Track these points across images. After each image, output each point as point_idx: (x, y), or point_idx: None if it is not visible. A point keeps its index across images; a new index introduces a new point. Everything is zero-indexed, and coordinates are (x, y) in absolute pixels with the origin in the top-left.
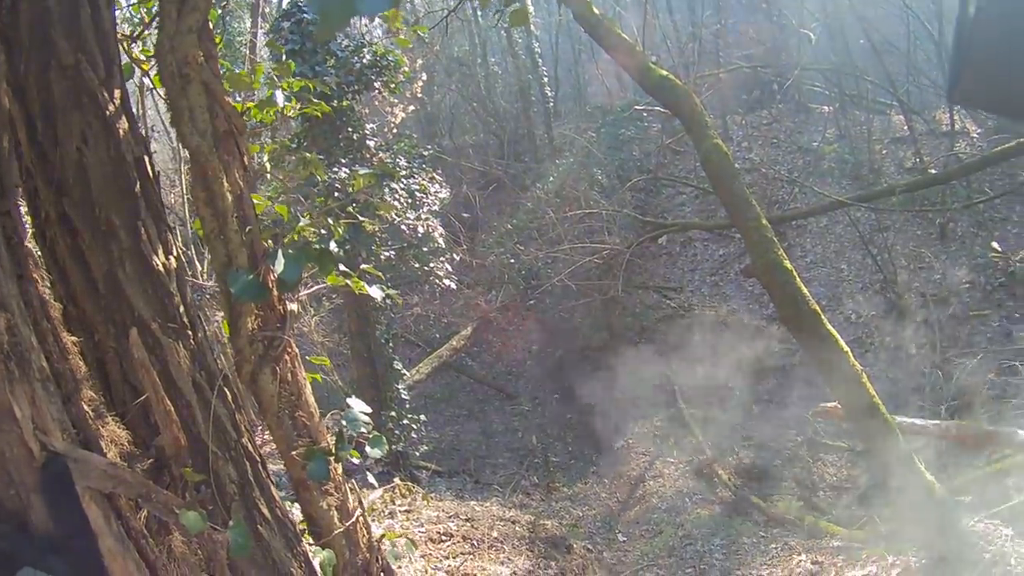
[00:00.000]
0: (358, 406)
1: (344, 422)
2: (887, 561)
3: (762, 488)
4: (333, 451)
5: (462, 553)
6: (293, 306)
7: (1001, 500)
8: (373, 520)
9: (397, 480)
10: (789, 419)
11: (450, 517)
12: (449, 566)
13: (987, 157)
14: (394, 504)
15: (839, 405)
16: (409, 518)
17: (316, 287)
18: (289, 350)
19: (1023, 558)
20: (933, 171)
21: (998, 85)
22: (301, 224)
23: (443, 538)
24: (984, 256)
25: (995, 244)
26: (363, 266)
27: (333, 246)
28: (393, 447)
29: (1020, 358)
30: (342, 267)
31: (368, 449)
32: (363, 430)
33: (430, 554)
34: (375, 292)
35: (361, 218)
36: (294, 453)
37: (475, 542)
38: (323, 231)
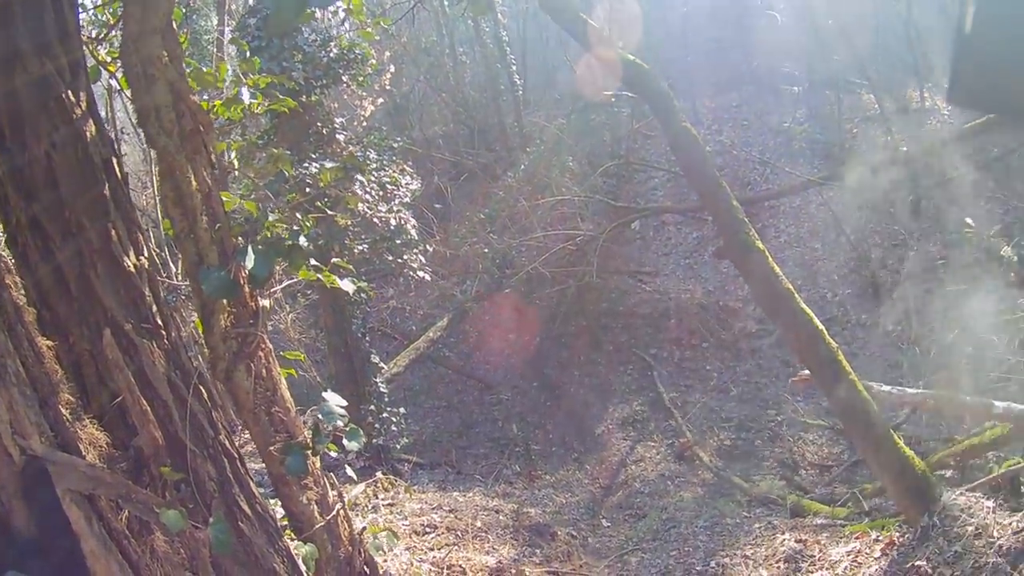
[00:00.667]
0: (333, 400)
1: (320, 416)
2: (871, 537)
3: (744, 468)
4: (310, 445)
5: (447, 544)
6: (265, 302)
7: (982, 473)
8: (356, 514)
9: (379, 474)
10: (768, 399)
11: (433, 509)
12: (434, 557)
13: (960, 134)
14: (377, 498)
15: (815, 381)
16: (392, 511)
17: (288, 283)
18: (263, 346)
19: (1006, 529)
20: (904, 148)
21: (998, 85)
22: (270, 220)
23: (427, 530)
24: (958, 232)
25: (968, 220)
26: (334, 260)
27: (303, 241)
28: (374, 441)
29: (997, 332)
30: (313, 262)
31: (345, 442)
32: (340, 423)
33: (415, 546)
34: (347, 285)
35: (331, 212)
36: (272, 449)
37: (459, 533)
38: (295, 227)
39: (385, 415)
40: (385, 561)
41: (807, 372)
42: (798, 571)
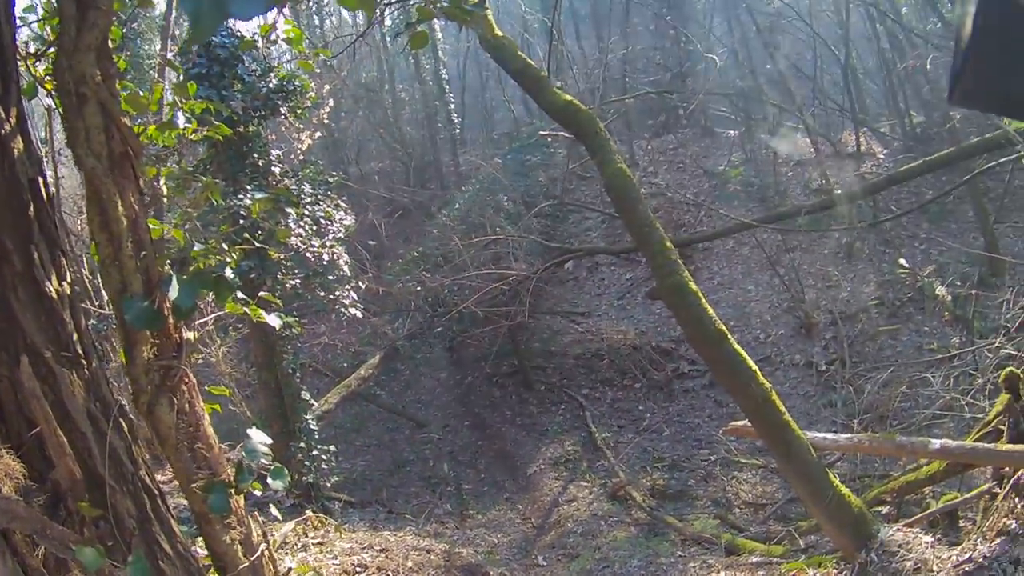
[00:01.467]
0: (257, 437)
1: (244, 453)
2: (808, 574)
3: (678, 508)
4: (233, 483)
5: None
6: (190, 334)
7: (919, 508)
8: (286, 553)
9: (309, 512)
10: (701, 439)
11: (364, 548)
12: None
13: (892, 176)
14: (307, 536)
15: (748, 424)
16: (323, 550)
17: (216, 314)
18: (186, 380)
19: (945, 563)
20: (839, 191)
21: (998, 85)
22: (196, 250)
23: (358, 570)
24: (891, 273)
25: (902, 260)
26: (261, 294)
27: (229, 272)
28: (303, 478)
29: (930, 370)
30: (240, 295)
31: (270, 481)
32: (264, 461)
33: None
34: (273, 320)
35: (260, 245)
36: (194, 486)
37: (390, 573)
38: (223, 259)
39: (315, 452)
40: None
41: (740, 423)
42: None
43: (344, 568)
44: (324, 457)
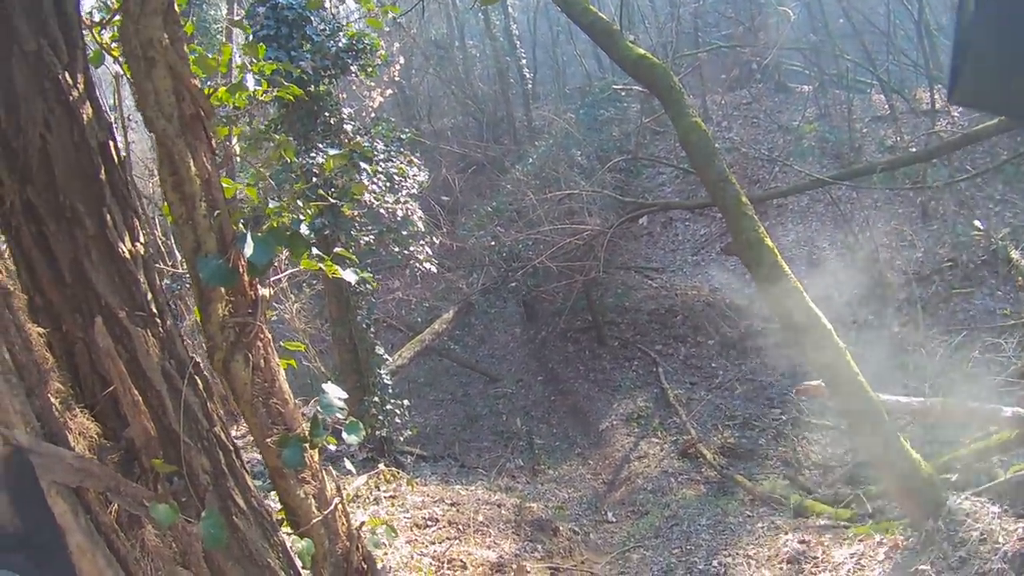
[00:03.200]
0: (333, 391)
1: (319, 408)
2: (874, 540)
3: (747, 467)
4: (308, 438)
5: (448, 538)
6: (265, 291)
7: (987, 478)
8: (358, 506)
9: (382, 466)
10: (773, 398)
11: (435, 502)
12: (435, 551)
13: (968, 135)
14: (379, 490)
15: (822, 383)
16: (394, 504)
17: (291, 271)
18: (262, 336)
19: (1011, 535)
20: (914, 149)
21: (998, 85)
22: (271, 207)
23: (428, 523)
24: (966, 235)
25: (977, 222)
26: (337, 249)
27: (304, 229)
28: (377, 433)
29: (1003, 335)
30: (316, 251)
31: (345, 435)
32: (339, 415)
33: (415, 540)
34: (349, 275)
35: (334, 201)
36: (268, 441)
37: (461, 527)
38: (301, 216)
39: (389, 407)
40: (386, 555)
41: (814, 383)
42: (801, 572)
43: (415, 521)
44: (397, 411)
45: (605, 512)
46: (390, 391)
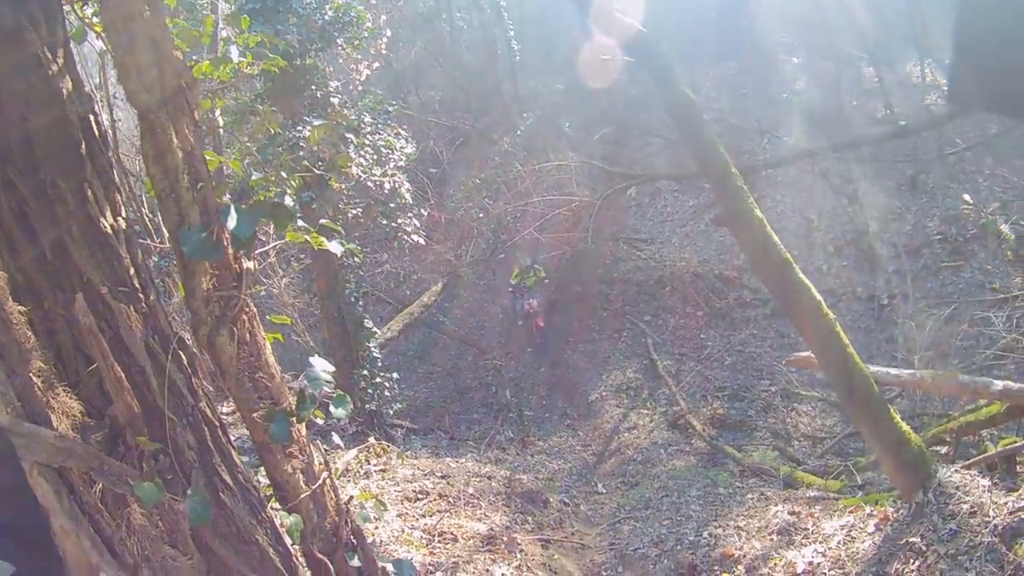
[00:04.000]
0: (320, 365)
1: (305, 382)
2: (864, 511)
3: (737, 438)
4: (295, 412)
5: (438, 511)
6: (249, 264)
7: (977, 450)
8: (348, 481)
9: (371, 439)
10: (762, 369)
11: (425, 475)
12: (426, 524)
13: (956, 109)
14: (369, 464)
15: (812, 355)
16: (384, 477)
17: (275, 244)
18: (247, 310)
19: (1001, 508)
20: (903, 122)
21: (997, 85)
22: (255, 179)
23: (419, 496)
24: (955, 208)
25: (966, 196)
26: (322, 221)
27: (289, 200)
28: (366, 406)
29: (993, 309)
30: (301, 223)
31: (332, 409)
32: (326, 389)
33: (406, 513)
34: (334, 247)
35: (317, 171)
36: (255, 416)
37: (451, 499)
38: (285, 188)
39: (378, 380)
40: (376, 528)
41: (803, 354)
42: (791, 543)
43: (405, 495)
44: (387, 384)
45: (595, 483)
46: (379, 364)
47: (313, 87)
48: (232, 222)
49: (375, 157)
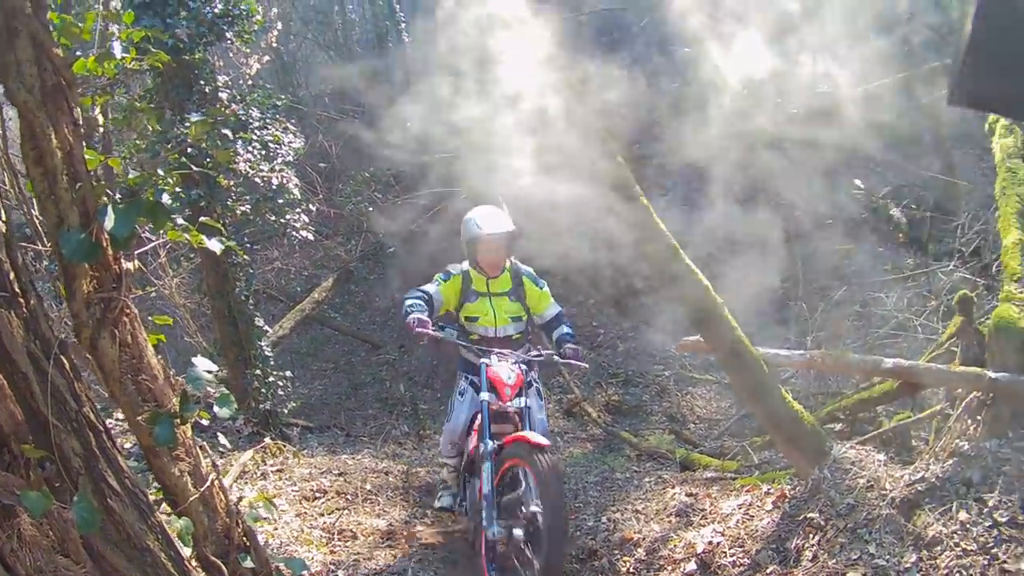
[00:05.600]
0: (202, 365)
1: (188, 383)
2: (761, 490)
3: (633, 424)
4: (178, 414)
5: (337, 509)
6: (129, 265)
7: (872, 426)
8: (246, 483)
9: (267, 439)
10: (655, 354)
11: (323, 473)
12: (325, 523)
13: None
14: (266, 464)
15: (701, 338)
16: (282, 477)
17: (158, 242)
18: (127, 311)
19: (898, 481)
20: (795, 111)
21: (998, 85)
22: (132, 177)
23: (317, 495)
24: (847, 193)
25: (857, 181)
26: (202, 219)
27: (167, 198)
28: (261, 406)
29: (884, 291)
30: (181, 221)
31: (216, 409)
32: (210, 389)
33: (305, 512)
34: (214, 245)
35: (203, 170)
36: (139, 419)
37: (349, 496)
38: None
39: (271, 379)
40: (276, 529)
41: (693, 338)
42: (690, 524)
43: (303, 494)
44: (280, 383)
45: None
46: (272, 363)
47: (202, 82)
48: (109, 222)
49: (263, 153)
